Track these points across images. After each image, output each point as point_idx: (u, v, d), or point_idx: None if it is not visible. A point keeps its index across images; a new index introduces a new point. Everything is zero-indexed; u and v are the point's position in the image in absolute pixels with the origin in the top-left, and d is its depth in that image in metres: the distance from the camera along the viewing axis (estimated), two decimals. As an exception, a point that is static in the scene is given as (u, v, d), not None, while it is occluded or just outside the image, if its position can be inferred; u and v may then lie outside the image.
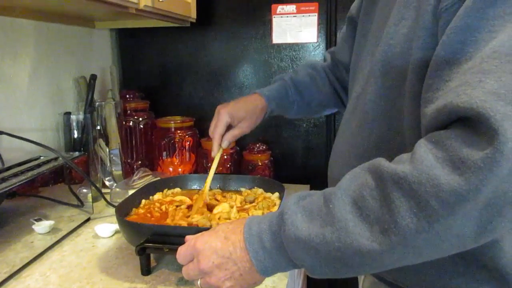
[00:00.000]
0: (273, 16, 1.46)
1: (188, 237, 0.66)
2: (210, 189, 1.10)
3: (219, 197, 1.02)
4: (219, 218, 0.89)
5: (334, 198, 0.53)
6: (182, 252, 0.64)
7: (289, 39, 1.46)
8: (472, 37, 0.50)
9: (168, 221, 0.90)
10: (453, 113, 0.47)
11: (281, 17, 1.45)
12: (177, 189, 1.11)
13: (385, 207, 0.49)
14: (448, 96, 0.48)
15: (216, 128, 0.96)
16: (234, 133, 0.97)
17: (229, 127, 0.98)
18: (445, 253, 0.50)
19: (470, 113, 0.45)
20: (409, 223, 0.47)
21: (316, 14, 1.43)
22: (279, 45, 1.48)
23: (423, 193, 0.46)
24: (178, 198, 1.02)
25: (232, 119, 0.96)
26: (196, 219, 0.88)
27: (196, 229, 0.76)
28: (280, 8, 1.45)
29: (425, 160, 0.47)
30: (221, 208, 0.93)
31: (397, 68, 0.63)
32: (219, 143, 0.97)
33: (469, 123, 0.46)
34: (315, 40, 1.45)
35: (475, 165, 0.43)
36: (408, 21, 0.61)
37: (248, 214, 0.92)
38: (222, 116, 0.95)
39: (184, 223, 0.88)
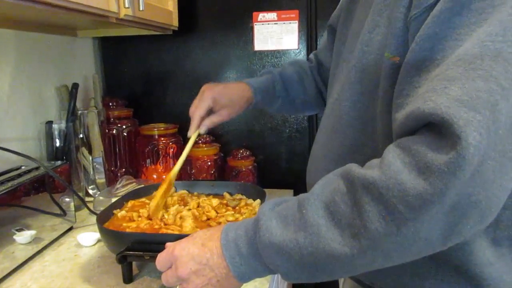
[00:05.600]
0: (255, 23, 1.48)
1: (168, 244, 0.67)
2: (177, 190, 1.10)
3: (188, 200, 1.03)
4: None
5: (307, 203, 0.54)
6: (161, 259, 0.64)
7: (271, 46, 1.48)
8: (439, 45, 0.51)
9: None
10: (420, 118, 0.48)
11: (263, 24, 1.47)
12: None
13: (356, 211, 0.50)
14: (416, 102, 0.50)
15: (197, 109, 0.95)
16: (213, 120, 0.96)
17: (210, 111, 0.97)
18: (415, 256, 0.51)
19: (435, 119, 0.46)
20: (378, 227, 0.48)
21: (297, 21, 1.45)
22: (261, 52, 1.50)
23: (391, 197, 0.47)
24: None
25: (214, 104, 0.95)
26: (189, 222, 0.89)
27: (176, 236, 0.76)
28: (261, 15, 1.47)
29: (392, 165, 0.48)
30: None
31: (371, 74, 0.64)
32: (198, 124, 0.95)
33: (435, 129, 0.47)
34: (296, 47, 1.47)
35: (439, 169, 0.45)
36: (382, 29, 0.63)
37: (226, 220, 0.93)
38: (206, 98, 0.94)
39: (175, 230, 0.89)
